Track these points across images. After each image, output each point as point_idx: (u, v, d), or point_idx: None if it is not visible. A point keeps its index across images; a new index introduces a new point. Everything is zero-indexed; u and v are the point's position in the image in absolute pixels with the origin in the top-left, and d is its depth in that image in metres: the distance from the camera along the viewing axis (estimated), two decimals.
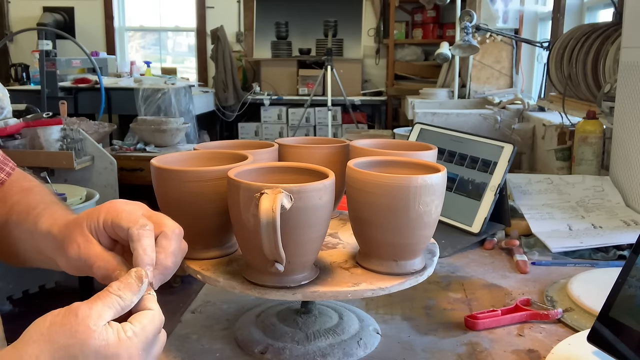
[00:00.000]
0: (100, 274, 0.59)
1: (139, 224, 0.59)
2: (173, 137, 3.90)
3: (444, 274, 1.07)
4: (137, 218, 0.59)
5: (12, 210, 0.72)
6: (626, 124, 1.45)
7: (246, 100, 5.54)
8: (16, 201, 0.73)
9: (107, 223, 0.60)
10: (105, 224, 0.60)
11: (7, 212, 0.72)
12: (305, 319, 0.81)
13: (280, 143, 0.93)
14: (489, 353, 0.79)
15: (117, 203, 0.62)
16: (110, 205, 0.62)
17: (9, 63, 6.11)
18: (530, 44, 3.02)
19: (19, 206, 0.72)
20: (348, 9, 5.83)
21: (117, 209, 0.61)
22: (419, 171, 0.76)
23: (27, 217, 0.69)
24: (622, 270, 0.70)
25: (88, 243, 0.60)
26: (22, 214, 0.70)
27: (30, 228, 0.67)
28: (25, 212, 0.70)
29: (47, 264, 0.69)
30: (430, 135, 1.38)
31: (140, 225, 0.58)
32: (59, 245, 0.62)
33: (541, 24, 3.57)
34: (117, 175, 3.28)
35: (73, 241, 0.60)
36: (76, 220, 0.62)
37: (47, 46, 4.30)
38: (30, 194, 0.74)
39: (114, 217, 0.60)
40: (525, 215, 1.30)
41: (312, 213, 0.68)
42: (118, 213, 0.60)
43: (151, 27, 6.60)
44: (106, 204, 0.62)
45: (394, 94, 5.43)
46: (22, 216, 0.70)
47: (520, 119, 2.51)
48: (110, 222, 0.60)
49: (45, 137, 3.05)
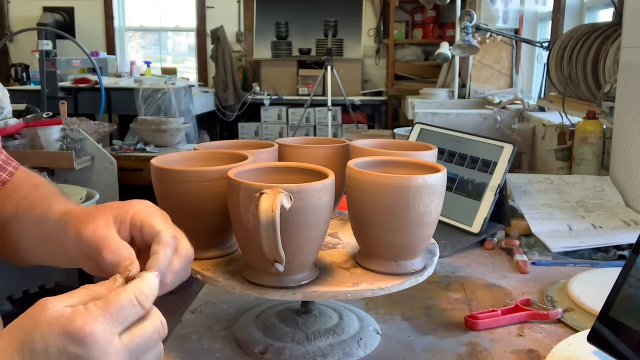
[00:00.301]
0: (108, 258, 0.57)
1: (171, 233, 0.59)
2: (173, 137, 3.90)
3: (444, 274, 1.07)
4: (170, 226, 0.61)
5: (19, 204, 0.72)
6: (626, 124, 1.45)
7: (246, 100, 5.54)
8: (24, 194, 0.73)
9: (137, 218, 0.60)
10: (135, 218, 0.60)
11: (14, 205, 0.72)
12: (305, 319, 0.81)
13: (280, 143, 0.93)
14: (489, 353, 0.79)
15: (151, 205, 0.63)
16: (144, 205, 0.62)
17: (9, 63, 6.11)
18: (530, 44, 3.02)
19: (26, 200, 0.72)
20: (348, 9, 5.83)
21: (152, 210, 0.62)
22: (419, 171, 0.76)
23: (38, 206, 0.69)
24: (622, 270, 0.70)
25: (107, 227, 0.60)
26: (32, 203, 0.70)
27: (40, 216, 0.67)
28: (36, 201, 0.70)
29: (47, 258, 0.69)
30: (430, 135, 1.38)
31: (171, 235, 0.59)
32: (74, 225, 0.61)
33: (541, 24, 3.57)
34: (117, 175, 3.28)
35: (92, 221, 0.60)
36: (100, 207, 0.63)
37: (47, 46, 4.30)
38: (40, 188, 0.74)
39: (147, 215, 0.60)
40: (525, 215, 1.30)
41: (312, 213, 0.68)
42: (152, 213, 0.61)
43: (151, 27, 6.60)
44: (138, 202, 0.63)
45: (394, 94, 5.43)
46: (32, 206, 0.70)
47: (520, 119, 2.51)
48: (141, 220, 0.60)
49: (45, 137, 3.05)
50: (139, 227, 0.60)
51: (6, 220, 0.72)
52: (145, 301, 0.50)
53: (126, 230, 0.60)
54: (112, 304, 0.48)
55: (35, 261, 0.72)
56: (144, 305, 0.50)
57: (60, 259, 0.67)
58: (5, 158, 0.78)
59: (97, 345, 0.46)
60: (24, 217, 0.70)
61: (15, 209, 0.71)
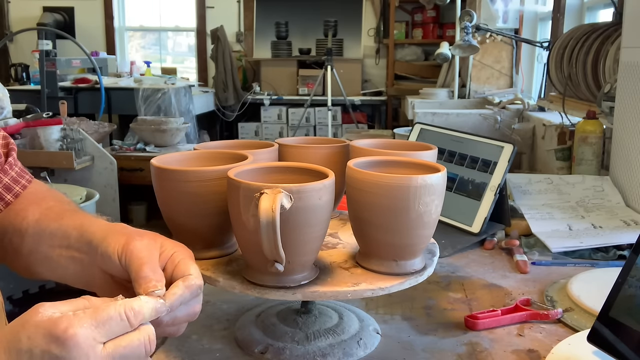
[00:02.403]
0: (146, 273, 0.58)
1: (200, 283, 0.61)
2: (173, 137, 3.90)
3: (444, 274, 1.07)
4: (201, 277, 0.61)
5: (45, 214, 0.72)
6: (626, 124, 1.45)
7: (246, 100, 5.54)
8: (51, 206, 0.73)
9: (178, 257, 0.62)
10: (176, 256, 0.62)
11: (39, 213, 0.72)
12: (305, 319, 0.81)
13: (280, 143, 0.93)
14: (489, 353, 0.79)
15: (192, 254, 0.64)
16: (188, 251, 0.64)
17: (9, 63, 6.11)
18: (530, 44, 3.02)
19: (52, 211, 0.72)
20: (348, 9, 5.82)
21: (192, 257, 0.63)
22: (419, 171, 0.76)
23: (69, 217, 0.70)
24: (622, 270, 0.70)
25: (155, 249, 0.62)
26: (60, 214, 0.71)
27: (68, 226, 0.68)
28: (65, 212, 0.71)
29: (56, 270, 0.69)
30: (430, 135, 1.38)
31: (200, 285, 0.60)
32: (118, 238, 0.62)
33: (541, 24, 3.57)
34: (117, 175, 3.28)
35: (145, 239, 0.62)
36: (152, 233, 0.65)
37: (47, 46, 4.30)
38: (68, 203, 0.76)
39: (187, 258, 0.63)
40: (525, 215, 1.30)
41: (312, 213, 0.68)
42: (192, 259, 0.63)
43: (151, 27, 6.60)
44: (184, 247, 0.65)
45: (394, 94, 5.43)
46: (61, 216, 0.70)
47: (520, 119, 2.51)
48: (180, 259, 0.62)
49: (45, 137, 3.05)
50: (175, 264, 0.62)
51: (24, 229, 0.72)
52: (134, 317, 0.51)
53: (163, 262, 0.62)
54: (99, 313, 0.49)
55: (45, 274, 0.72)
56: (132, 321, 0.51)
57: (71, 273, 0.67)
58: (20, 171, 0.78)
59: (79, 349, 0.47)
60: (48, 227, 0.70)
61: (39, 217, 0.71)
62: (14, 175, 0.77)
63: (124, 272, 0.61)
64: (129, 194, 3.75)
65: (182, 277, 0.59)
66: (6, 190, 0.75)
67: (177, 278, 0.60)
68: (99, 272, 0.64)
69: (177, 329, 0.61)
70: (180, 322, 0.60)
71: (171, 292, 0.57)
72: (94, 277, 0.65)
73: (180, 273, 0.60)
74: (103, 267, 0.63)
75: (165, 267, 0.62)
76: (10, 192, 0.76)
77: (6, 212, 0.75)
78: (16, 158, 0.79)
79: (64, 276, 0.69)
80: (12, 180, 0.76)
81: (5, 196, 0.75)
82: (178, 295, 0.57)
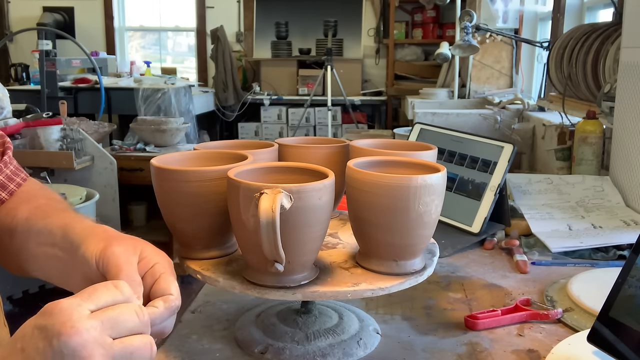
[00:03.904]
0: None
1: (178, 304, 0.59)
2: (173, 137, 3.90)
3: (444, 274, 1.07)
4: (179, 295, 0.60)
5: (34, 213, 0.71)
6: (626, 124, 1.45)
7: (246, 100, 5.54)
8: (39, 205, 0.73)
9: (159, 270, 0.61)
10: (157, 268, 0.61)
11: (28, 211, 0.72)
12: (305, 319, 0.81)
13: (280, 143, 0.93)
14: (489, 353, 0.79)
15: (172, 265, 0.63)
16: (168, 263, 0.63)
17: (9, 63, 6.11)
18: (530, 44, 3.02)
19: (40, 210, 0.72)
20: (348, 9, 5.82)
21: (172, 272, 0.62)
22: (419, 171, 0.76)
23: (55, 215, 0.69)
24: (622, 270, 0.70)
25: (134, 255, 0.61)
26: (47, 213, 0.71)
27: (55, 225, 0.67)
28: (53, 211, 0.71)
29: (44, 269, 0.69)
30: (430, 135, 1.38)
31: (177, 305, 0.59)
32: (98, 242, 0.61)
33: (541, 24, 3.57)
34: (117, 175, 3.28)
35: (124, 245, 0.61)
36: (132, 237, 0.64)
37: (47, 46, 4.30)
38: (58, 202, 0.76)
39: (168, 273, 0.61)
40: (525, 215, 1.30)
41: (312, 213, 0.68)
42: (172, 274, 0.61)
43: (151, 27, 6.59)
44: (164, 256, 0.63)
45: (394, 94, 5.43)
46: (48, 214, 0.70)
47: (520, 119, 2.51)
48: (161, 273, 0.61)
49: (45, 137, 3.05)
50: (156, 278, 0.60)
51: (14, 226, 0.72)
52: (122, 285, 0.51)
53: (143, 270, 0.61)
54: (87, 288, 0.50)
55: (33, 272, 0.72)
56: (120, 287, 0.51)
57: (55, 272, 0.67)
58: (15, 169, 0.78)
59: (62, 314, 0.47)
60: (35, 225, 0.70)
61: (28, 215, 0.71)
62: (9, 174, 0.77)
63: (102, 278, 0.59)
64: (129, 194, 3.75)
65: (163, 297, 0.58)
66: (1, 188, 0.75)
67: (156, 293, 0.59)
68: (78, 275, 0.63)
69: None
70: None
71: (151, 310, 0.56)
72: (74, 278, 0.64)
73: (160, 291, 0.59)
74: (82, 270, 0.62)
75: (144, 277, 0.60)
76: (5, 189, 0.76)
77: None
78: (12, 156, 0.79)
79: (49, 275, 0.69)
80: (6, 178, 0.76)
81: (0, 194, 0.75)
82: (158, 313, 0.56)
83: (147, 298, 0.59)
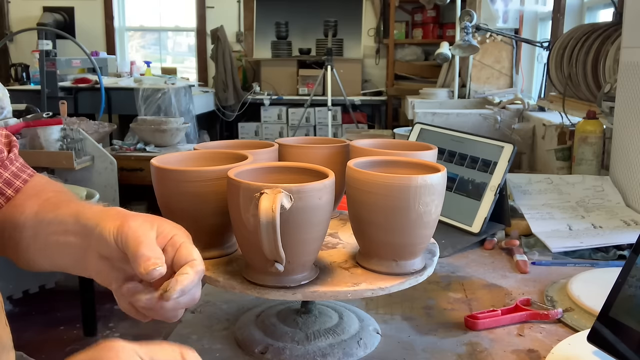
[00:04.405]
0: (144, 252, 0.58)
1: (203, 267, 0.61)
2: (173, 137, 3.90)
3: (444, 274, 1.07)
4: None
5: (43, 206, 0.72)
6: (626, 124, 1.45)
7: (246, 100, 5.54)
8: (48, 197, 0.73)
9: (178, 240, 0.62)
10: (176, 239, 0.62)
11: (38, 205, 0.72)
12: (305, 319, 0.81)
13: (280, 143, 0.93)
14: (489, 353, 0.79)
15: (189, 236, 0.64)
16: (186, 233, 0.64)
17: (9, 63, 6.11)
18: (530, 44, 3.02)
19: (49, 202, 0.72)
20: (348, 9, 5.82)
21: (191, 240, 0.63)
22: (419, 171, 0.76)
23: (65, 206, 0.69)
24: (622, 270, 0.70)
25: (150, 229, 0.61)
26: (57, 204, 0.71)
27: (66, 215, 0.68)
28: (62, 202, 0.71)
29: (56, 261, 0.69)
30: (430, 135, 1.38)
31: (203, 268, 0.61)
32: (112, 221, 0.62)
33: (541, 24, 3.57)
34: (117, 175, 3.28)
35: (138, 220, 0.61)
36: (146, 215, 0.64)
37: (47, 46, 4.30)
38: (66, 193, 0.76)
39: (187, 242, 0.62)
40: (525, 215, 1.30)
41: (312, 213, 0.68)
42: (191, 243, 0.62)
43: (151, 27, 6.59)
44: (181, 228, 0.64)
45: (394, 94, 5.43)
46: (58, 206, 0.70)
47: (520, 119, 2.51)
48: (181, 242, 0.62)
49: (45, 137, 3.05)
50: (176, 248, 0.61)
51: (23, 222, 0.72)
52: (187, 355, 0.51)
53: (162, 244, 0.62)
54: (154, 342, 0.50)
55: (42, 265, 0.72)
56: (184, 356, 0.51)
57: (69, 260, 0.67)
58: (21, 166, 0.78)
59: (111, 351, 0.47)
60: (45, 217, 0.70)
61: (37, 210, 0.72)
62: (15, 170, 0.77)
63: (121, 254, 0.60)
64: (129, 194, 3.75)
65: (189, 263, 0.60)
66: (7, 185, 0.76)
67: (180, 262, 0.60)
68: (95, 257, 0.64)
69: (175, 314, 0.61)
70: (181, 307, 0.61)
71: (183, 276, 0.58)
72: (90, 262, 0.65)
73: (183, 258, 0.60)
74: (99, 251, 0.63)
75: (165, 249, 0.61)
76: (11, 186, 0.76)
77: (5, 207, 0.75)
78: (17, 154, 0.79)
79: (62, 264, 0.69)
80: (12, 175, 0.77)
81: (6, 191, 0.75)
82: (189, 279, 0.58)
83: (171, 269, 0.60)
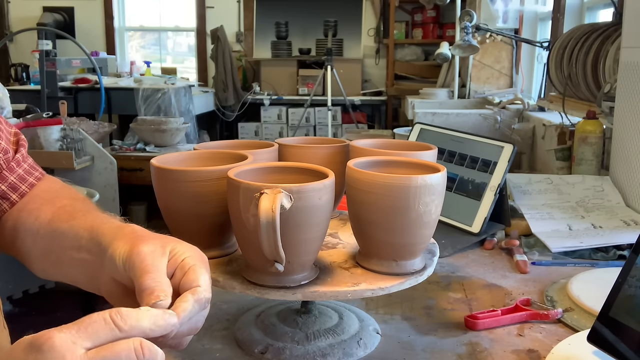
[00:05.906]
0: (147, 284, 0.54)
1: (209, 297, 0.56)
2: (173, 137, 3.90)
3: (444, 274, 1.07)
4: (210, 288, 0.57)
5: (58, 214, 0.69)
6: (626, 124, 1.45)
7: (246, 100, 5.54)
8: (63, 205, 0.71)
9: (189, 263, 0.57)
10: (187, 262, 0.57)
11: (52, 213, 0.70)
12: (305, 319, 0.81)
13: (280, 143, 0.93)
14: (489, 353, 0.79)
15: (205, 259, 0.59)
16: (200, 256, 0.59)
17: (9, 63, 6.11)
18: (530, 44, 3.02)
19: (65, 211, 0.70)
20: (348, 9, 5.83)
21: (204, 265, 0.58)
22: (419, 171, 0.76)
23: (81, 217, 0.67)
24: (622, 270, 0.70)
25: (162, 256, 0.57)
26: (72, 214, 0.68)
27: (80, 227, 0.65)
28: (77, 212, 0.68)
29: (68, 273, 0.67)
30: (430, 135, 1.38)
31: (208, 298, 0.56)
32: (125, 243, 0.58)
33: (541, 24, 3.57)
34: (117, 175, 3.28)
35: (151, 244, 0.57)
36: (160, 235, 0.61)
37: (47, 46, 4.29)
38: (82, 201, 0.73)
39: (198, 265, 0.57)
40: (525, 215, 1.30)
41: (312, 213, 0.68)
42: (203, 268, 0.58)
43: (151, 27, 6.60)
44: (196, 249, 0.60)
45: (394, 94, 5.43)
46: (73, 216, 0.68)
47: (520, 119, 2.51)
48: (191, 266, 0.57)
49: (45, 137, 3.05)
50: (185, 271, 0.57)
51: (36, 228, 0.70)
52: (121, 320, 0.46)
53: (173, 267, 0.58)
54: (83, 319, 0.45)
55: (58, 278, 0.69)
56: (119, 324, 0.46)
57: (82, 277, 0.65)
58: (29, 167, 0.76)
59: (54, 352, 0.43)
60: (59, 227, 0.67)
61: (51, 217, 0.69)
62: (22, 173, 0.75)
63: (129, 280, 0.57)
64: (129, 194, 3.75)
65: (191, 290, 0.55)
66: (12, 190, 0.74)
67: (185, 287, 0.55)
68: (108, 279, 0.60)
69: (179, 343, 0.56)
70: (182, 336, 0.56)
71: (181, 308, 0.52)
72: (103, 282, 0.61)
73: (188, 283, 0.55)
74: (110, 273, 0.59)
75: (174, 273, 0.57)
76: (16, 191, 0.74)
77: (18, 211, 0.73)
78: (26, 154, 0.77)
79: (75, 279, 0.67)
80: (18, 178, 0.75)
81: (11, 196, 0.73)
82: (188, 311, 0.52)
83: (177, 292, 0.55)
